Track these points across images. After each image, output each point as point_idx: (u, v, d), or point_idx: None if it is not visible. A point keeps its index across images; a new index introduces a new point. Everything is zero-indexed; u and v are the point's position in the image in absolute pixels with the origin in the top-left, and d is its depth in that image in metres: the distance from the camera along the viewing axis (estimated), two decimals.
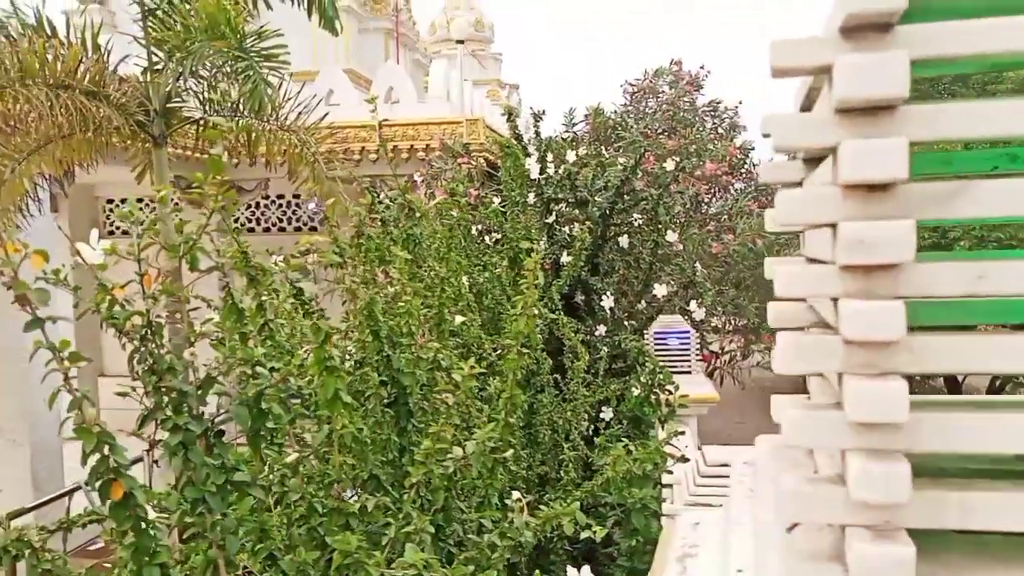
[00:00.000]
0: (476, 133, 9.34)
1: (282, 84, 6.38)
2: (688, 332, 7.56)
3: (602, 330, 5.43)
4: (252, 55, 5.75)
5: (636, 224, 6.06)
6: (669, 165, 6.21)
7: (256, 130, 6.72)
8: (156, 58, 6.24)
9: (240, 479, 2.24)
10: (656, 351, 7.19)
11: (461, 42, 10.59)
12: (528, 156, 5.93)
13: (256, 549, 2.35)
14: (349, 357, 3.12)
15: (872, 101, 0.88)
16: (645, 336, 6.35)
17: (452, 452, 2.60)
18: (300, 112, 6.87)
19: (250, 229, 11.03)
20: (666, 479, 3.62)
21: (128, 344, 2.16)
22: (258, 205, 11.43)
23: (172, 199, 2.37)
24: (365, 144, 9.37)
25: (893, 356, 0.90)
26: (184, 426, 2.15)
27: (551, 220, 5.97)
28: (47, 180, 6.74)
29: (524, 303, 3.36)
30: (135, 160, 6.85)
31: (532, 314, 3.36)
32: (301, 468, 2.54)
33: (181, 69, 6.09)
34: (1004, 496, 0.94)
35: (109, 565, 2.44)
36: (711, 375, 11.22)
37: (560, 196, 6.03)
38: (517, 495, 2.62)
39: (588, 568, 2.70)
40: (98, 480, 2.01)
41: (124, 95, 6.13)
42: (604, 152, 7.01)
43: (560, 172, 6.02)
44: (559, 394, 4.52)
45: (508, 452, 3.05)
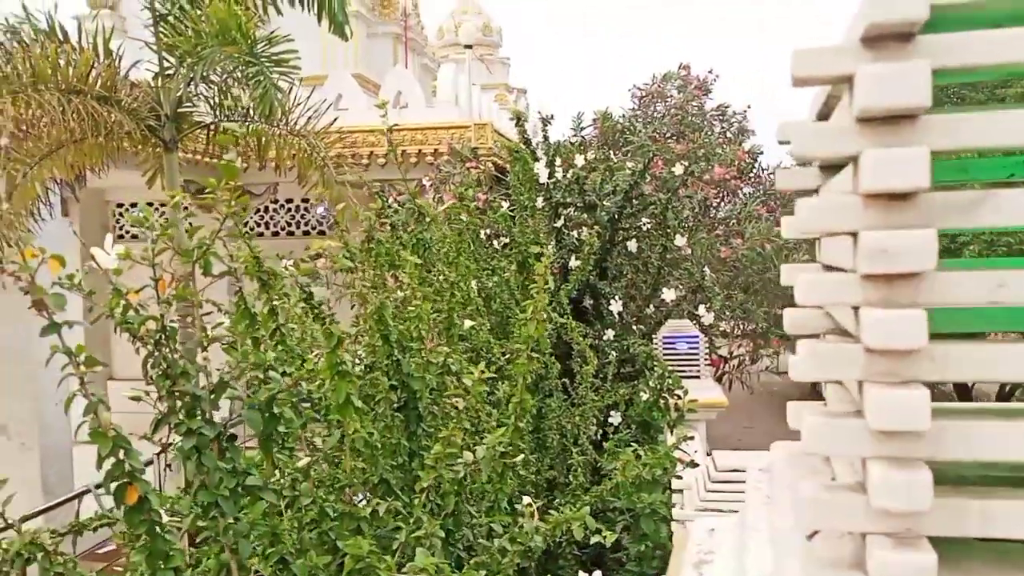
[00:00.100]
0: (484, 137, 9.36)
1: (292, 89, 6.41)
2: (697, 336, 7.54)
3: (610, 334, 5.41)
4: (263, 60, 5.78)
5: (645, 228, 6.05)
6: (678, 169, 6.20)
7: (266, 135, 6.76)
8: (167, 63, 6.28)
9: (252, 483, 2.25)
10: (665, 355, 7.16)
11: (469, 47, 10.62)
12: (537, 160, 5.93)
13: (267, 553, 2.36)
14: (359, 361, 3.12)
15: (894, 111, 0.88)
16: (654, 340, 6.33)
17: (462, 456, 2.61)
18: (310, 117, 6.90)
19: (259, 233, 11.06)
20: (676, 484, 3.61)
21: (142, 349, 2.17)
22: (267, 209, 11.47)
23: (184, 204, 2.38)
24: (374, 148, 9.39)
25: (915, 364, 0.90)
26: (197, 430, 2.16)
27: (559, 224, 5.96)
28: (58, 184, 6.78)
29: (534, 308, 3.36)
30: (146, 165, 6.89)
31: (542, 319, 3.36)
32: (312, 472, 2.54)
33: (192, 74, 6.13)
34: None
35: (119, 568, 2.45)
36: (720, 379, 11.20)
37: (569, 200, 6.03)
38: (528, 500, 2.62)
39: (599, 573, 2.70)
40: (113, 484, 2.02)
41: (135, 100, 6.16)
42: (613, 156, 7.00)
43: (569, 176, 6.01)
44: (567, 398, 4.52)
45: (519, 457, 3.05)
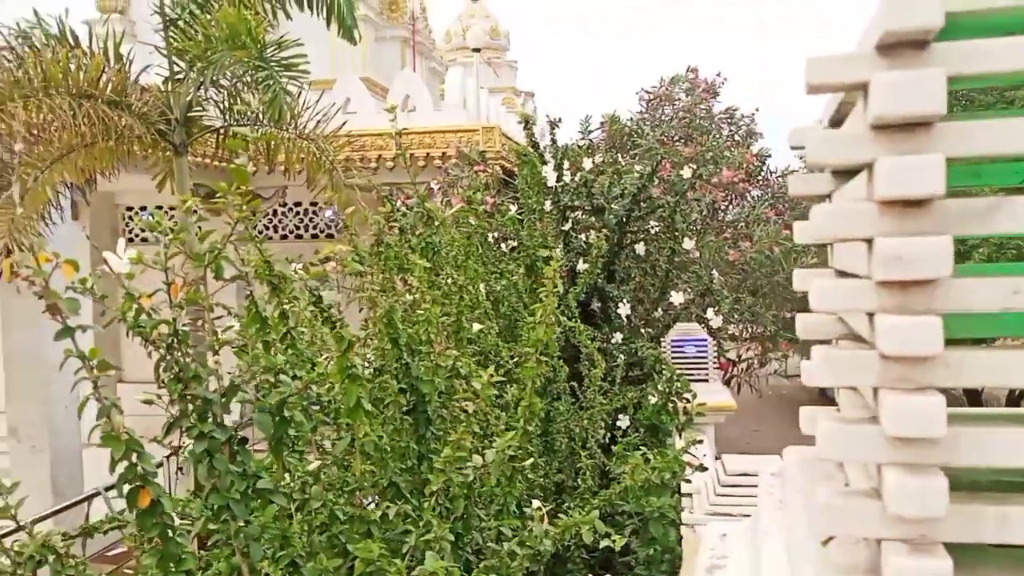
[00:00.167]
0: (492, 141, 9.37)
1: (301, 93, 6.43)
2: (705, 340, 7.51)
3: (619, 338, 5.41)
4: (272, 64, 5.80)
5: (653, 231, 6.05)
6: (686, 172, 6.19)
7: (275, 138, 6.78)
8: (177, 68, 6.31)
9: (263, 486, 2.25)
10: (673, 359, 7.14)
11: (477, 50, 10.65)
12: (544, 164, 5.94)
13: (278, 556, 2.37)
14: (368, 365, 3.13)
15: (909, 118, 0.88)
16: (662, 344, 6.33)
17: (471, 460, 2.61)
18: (319, 120, 6.92)
19: (268, 237, 11.11)
20: (685, 488, 3.61)
21: (154, 352, 2.18)
22: (275, 213, 11.51)
23: (194, 208, 2.39)
24: (382, 152, 9.43)
25: (930, 371, 0.90)
26: (209, 434, 2.17)
27: (567, 227, 5.97)
28: (69, 188, 6.82)
29: (543, 311, 3.36)
30: (156, 169, 6.92)
31: (550, 322, 3.36)
32: (322, 475, 2.55)
33: (202, 79, 6.16)
34: None
35: (129, 571, 2.46)
36: (728, 383, 11.16)
37: (576, 203, 6.03)
38: (537, 503, 2.62)
39: None
40: (126, 487, 2.03)
41: (145, 104, 6.20)
42: (620, 159, 7.00)
43: (576, 179, 6.02)
44: (576, 402, 4.52)
45: (528, 461, 3.05)
